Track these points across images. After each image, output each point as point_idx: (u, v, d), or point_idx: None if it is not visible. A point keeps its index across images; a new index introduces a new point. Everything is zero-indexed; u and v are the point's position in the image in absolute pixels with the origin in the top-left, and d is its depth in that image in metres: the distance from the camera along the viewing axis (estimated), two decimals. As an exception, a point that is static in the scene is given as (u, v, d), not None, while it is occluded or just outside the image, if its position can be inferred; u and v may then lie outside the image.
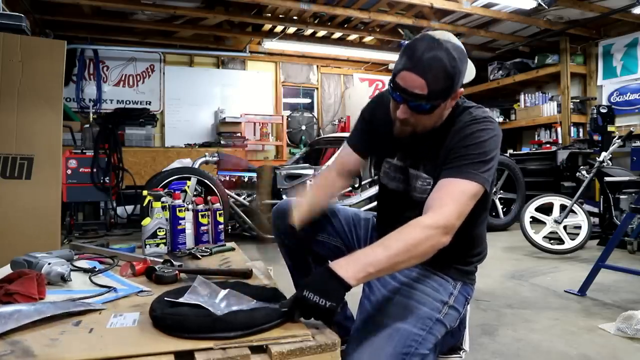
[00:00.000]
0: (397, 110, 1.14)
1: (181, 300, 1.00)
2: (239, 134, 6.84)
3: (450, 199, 1.07)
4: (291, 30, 6.78)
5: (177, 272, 1.33)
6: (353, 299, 1.19)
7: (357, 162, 1.44)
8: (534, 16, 5.97)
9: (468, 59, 1.17)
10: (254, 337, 0.89)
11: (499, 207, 5.16)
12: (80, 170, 4.62)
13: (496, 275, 3.05)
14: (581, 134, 6.65)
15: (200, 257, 1.65)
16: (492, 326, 2.10)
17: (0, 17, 2.42)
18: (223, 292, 1.04)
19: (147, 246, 1.70)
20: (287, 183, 4.51)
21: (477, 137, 1.13)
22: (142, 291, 1.21)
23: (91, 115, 6.46)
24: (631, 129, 4.65)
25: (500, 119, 7.26)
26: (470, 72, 1.25)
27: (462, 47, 1.13)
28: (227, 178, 4.55)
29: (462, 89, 1.15)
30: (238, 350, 0.85)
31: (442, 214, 1.05)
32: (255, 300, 1.03)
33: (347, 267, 0.98)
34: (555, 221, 3.77)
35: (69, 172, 4.56)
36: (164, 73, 7.17)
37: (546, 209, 3.90)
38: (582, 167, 4.55)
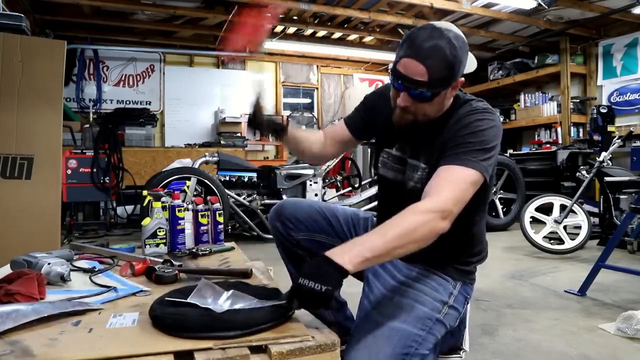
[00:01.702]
0: (398, 98, 1.15)
1: (186, 300, 1.00)
2: (239, 134, 6.85)
3: (447, 183, 1.07)
4: (291, 30, 6.78)
5: (176, 272, 1.33)
6: (353, 299, 1.19)
7: (346, 136, 1.47)
8: (534, 16, 5.97)
9: (469, 51, 1.18)
10: (254, 337, 0.89)
11: (499, 207, 5.16)
12: (80, 170, 4.62)
13: (496, 275, 3.05)
14: (581, 134, 6.66)
15: (201, 254, 1.66)
16: (492, 326, 2.10)
17: (0, 17, 2.42)
18: (227, 294, 1.04)
19: (147, 246, 1.70)
20: (287, 183, 4.51)
21: (476, 126, 1.14)
22: (141, 291, 1.21)
23: (91, 115, 6.46)
24: (631, 129, 4.64)
25: (501, 119, 7.25)
26: (471, 63, 1.25)
27: (464, 36, 1.14)
28: (227, 178, 4.55)
29: (462, 79, 1.15)
30: (237, 350, 0.85)
31: (438, 198, 1.04)
32: (255, 299, 1.03)
33: (343, 254, 0.96)
34: (555, 221, 3.77)
35: (69, 172, 4.56)
36: (164, 73, 7.17)
37: (546, 209, 3.90)
38: (582, 167, 4.55)
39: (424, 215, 1.02)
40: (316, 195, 4.63)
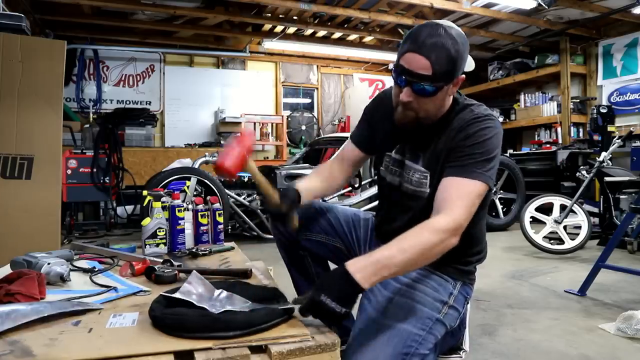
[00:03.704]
0: (400, 94, 1.15)
1: (175, 295, 0.99)
2: (238, 134, 6.83)
3: (459, 199, 1.09)
4: (291, 30, 6.78)
5: (176, 272, 1.33)
6: (353, 299, 1.19)
7: (358, 156, 1.46)
8: (534, 16, 5.97)
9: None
10: (253, 337, 0.89)
11: (499, 207, 5.16)
12: (80, 170, 4.62)
13: (496, 275, 3.05)
14: (581, 134, 6.65)
15: (201, 254, 1.66)
16: (492, 326, 2.10)
17: (0, 17, 2.42)
18: (216, 292, 1.04)
19: (147, 246, 1.70)
20: (287, 183, 4.51)
21: (481, 135, 1.14)
22: (141, 291, 1.21)
23: (91, 115, 6.46)
24: (631, 129, 4.64)
25: (500, 119, 7.26)
26: (469, 63, 1.26)
27: (464, 34, 1.15)
28: (227, 178, 4.54)
29: (463, 76, 1.16)
30: (238, 350, 0.85)
31: (453, 216, 1.06)
32: (249, 302, 1.03)
33: (364, 270, 0.98)
34: (555, 221, 3.77)
35: (69, 172, 4.56)
36: (164, 73, 7.17)
37: (546, 209, 3.90)
38: (582, 167, 4.55)
39: (441, 234, 1.04)
40: (316, 195, 4.62)
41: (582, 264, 3.39)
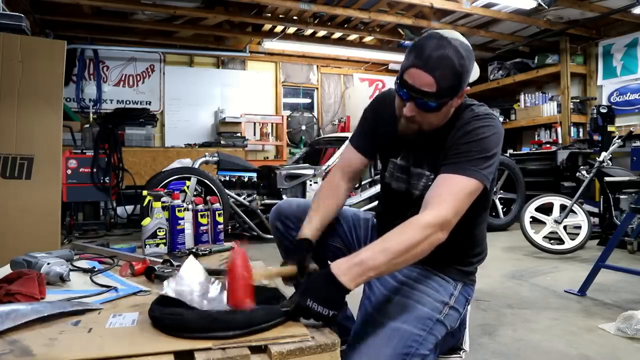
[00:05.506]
0: (403, 108, 1.14)
1: (168, 294, 0.98)
2: (239, 134, 6.85)
3: (449, 195, 1.07)
4: (291, 30, 6.78)
5: (176, 272, 1.33)
6: (353, 299, 1.19)
7: (362, 162, 1.42)
8: (534, 16, 5.97)
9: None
10: (253, 337, 0.89)
11: (499, 207, 5.16)
12: (80, 170, 4.62)
13: (496, 275, 3.05)
14: (581, 134, 6.65)
15: (201, 254, 1.66)
16: (492, 326, 2.10)
17: (0, 17, 2.42)
18: (211, 280, 1.04)
19: (147, 246, 1.70)
20: (287, 183, 4.51)
21: (479, 133, 1.13)
22: (141, 291, 1.21)
23: (91, 115, 6.46)
24: (631, 129, 4.65)
25: (501, 119, 7.26)
26: (475, 71, 1.25)
27: (469, 45, 1.14)
28: (227, 178, 4.55)
29: (467, 87, 1.15)
30: (237, 350, 0.85)
31: (439, 212, 1.05)
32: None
33: (349, 272, 0.98)
34: (555, 221, 3.77)
35: (69, 172, 4.56)
36: (164, 73, 7.17)
37: (546, 209, 3.90)
38: (582, 167, 4.55)
39: (426, 230, 1.03)
40: (316, 195, 4.62)
41: (582, 264, 3.39)
